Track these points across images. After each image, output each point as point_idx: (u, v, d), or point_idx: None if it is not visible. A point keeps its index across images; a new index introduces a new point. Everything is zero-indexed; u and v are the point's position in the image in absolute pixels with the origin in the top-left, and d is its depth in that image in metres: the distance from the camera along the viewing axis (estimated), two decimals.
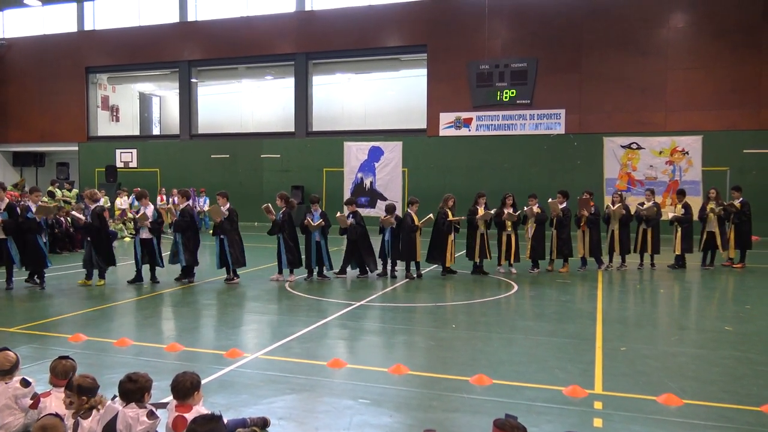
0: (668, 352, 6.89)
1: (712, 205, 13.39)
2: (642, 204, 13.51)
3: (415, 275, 11.97)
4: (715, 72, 20.47)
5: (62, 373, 4.13)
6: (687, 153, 20.67)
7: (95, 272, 11.09)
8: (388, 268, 12.04)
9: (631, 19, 21.21)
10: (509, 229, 12.45)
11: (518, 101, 22.24)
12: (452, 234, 12.16)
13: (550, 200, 12.76)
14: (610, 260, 13.23)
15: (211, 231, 12.53)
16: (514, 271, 12.51)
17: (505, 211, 12.48)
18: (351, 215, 11.93)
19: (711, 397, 5.39)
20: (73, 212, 12.30)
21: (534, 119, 22.23)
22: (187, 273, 11.41)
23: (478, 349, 7.01)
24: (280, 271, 11.68)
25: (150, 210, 11.40)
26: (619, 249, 13.02)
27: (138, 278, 11.19)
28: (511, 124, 22.47)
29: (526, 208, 12.62)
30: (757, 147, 20.01)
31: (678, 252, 13.26)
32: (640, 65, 21.12)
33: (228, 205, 11.46)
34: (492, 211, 12.39)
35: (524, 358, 6.61)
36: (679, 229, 13.19)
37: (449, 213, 12.15)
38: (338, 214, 11.93)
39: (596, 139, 21.53)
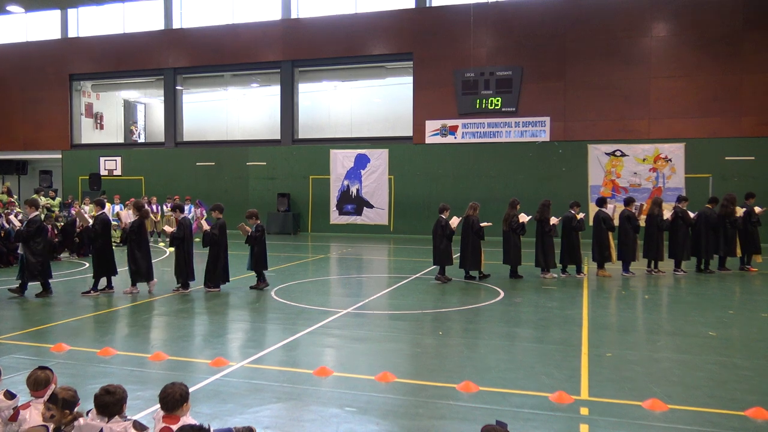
0: (653, 357, 6.93)
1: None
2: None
3: (448, 279, 12.29)
4: (697, 80, 20.74)
5: (34, 383, 4.05)
6: (670, 160, 20.99)
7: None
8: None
9: (614, 29, 21.45)
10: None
11: (503, 109, 22.38)
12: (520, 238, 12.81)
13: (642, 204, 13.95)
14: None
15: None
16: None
17: (578, 216, 13.11)
18: (255, 227, 11.51)
19: (696, 402, 5.43)
20: (11, 217, 12.02)
21: (519, 127, 22.37)
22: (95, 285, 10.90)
23: (464, 356, 7.01)
24: (134, 283, 11.02)
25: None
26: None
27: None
28: (496, 131, 22.60)
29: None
30: (739, 154, 20.27)
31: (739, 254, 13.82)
32: (624, 74, 21.35)
33: (101, 213, 10.91)
34: (559, 218, 13.06)
35: (511, 364, 6.62)
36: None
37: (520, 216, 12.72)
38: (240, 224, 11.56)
39: (581, 147, 21.77)
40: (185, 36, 26.51)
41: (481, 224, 12.50)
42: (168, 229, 11.47)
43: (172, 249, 13.64)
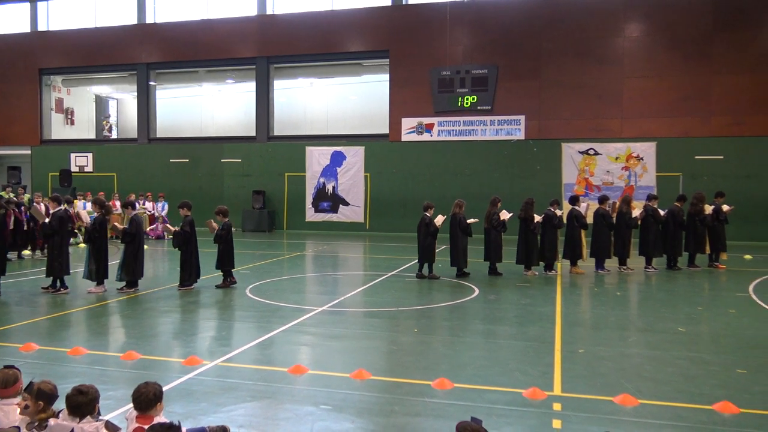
0: (624, 353, 7.04)
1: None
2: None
3: (426, 275, 12.36)
4: (668, 80, 21.10)
5: (3, 381, 3.95)
6: (642, 159, 21.33)
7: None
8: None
9: (588, 29, 21.71)
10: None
11: (479, 107, 22.51)
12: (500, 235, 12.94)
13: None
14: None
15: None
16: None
17: (557, 213, 13.30)
18: (222, 224, 11.37)
19: (666, 396, 5.52)
20: None
21: (494, 125, 22.52)
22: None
23: (439, 353, 7.04)
24: (100, 282, 10.72)
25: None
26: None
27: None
28: (472, 129, 22.72)
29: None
30: (708, 153, 20.68)
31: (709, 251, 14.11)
32: (597, 73, 21.62)
33: (60, 209, 10.64)
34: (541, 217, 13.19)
35: (485, 361, 6.67)
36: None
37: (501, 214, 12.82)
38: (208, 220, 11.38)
39: (555, 145, 22.00)
40: (159, 30, 26.15)
41: (468, 221, 12.58)
42: (119, 225, 11.25)
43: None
